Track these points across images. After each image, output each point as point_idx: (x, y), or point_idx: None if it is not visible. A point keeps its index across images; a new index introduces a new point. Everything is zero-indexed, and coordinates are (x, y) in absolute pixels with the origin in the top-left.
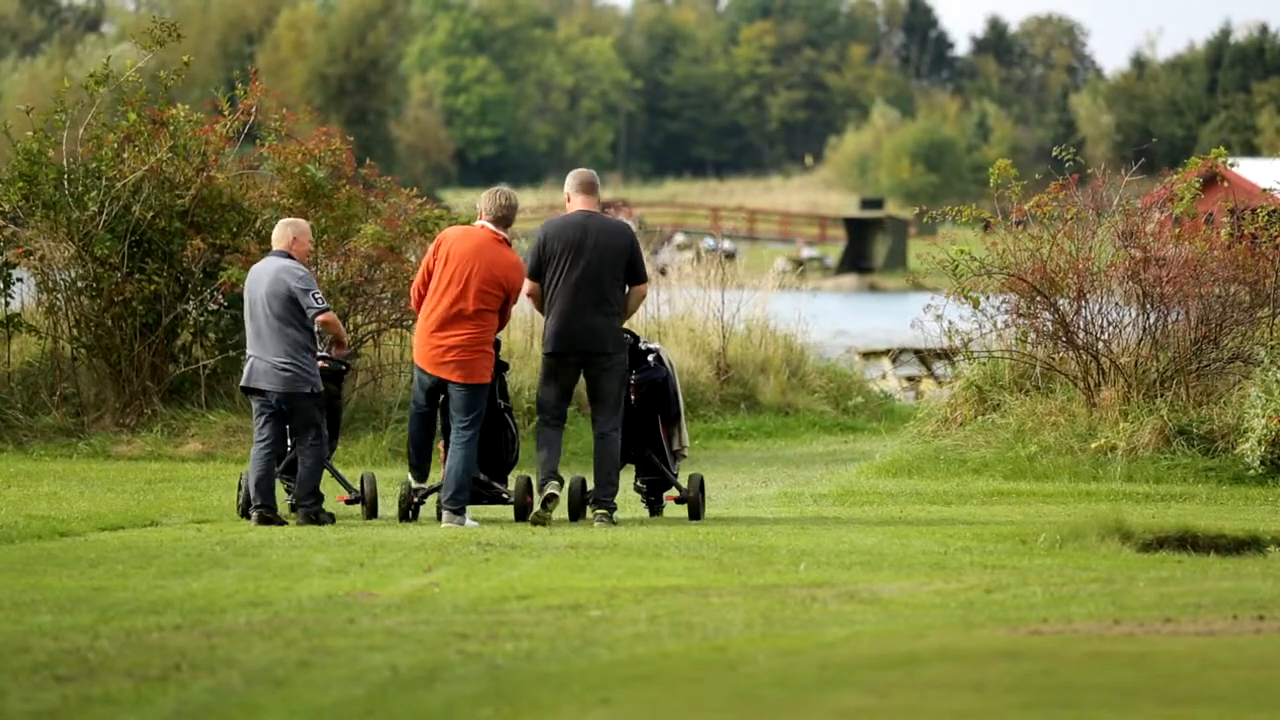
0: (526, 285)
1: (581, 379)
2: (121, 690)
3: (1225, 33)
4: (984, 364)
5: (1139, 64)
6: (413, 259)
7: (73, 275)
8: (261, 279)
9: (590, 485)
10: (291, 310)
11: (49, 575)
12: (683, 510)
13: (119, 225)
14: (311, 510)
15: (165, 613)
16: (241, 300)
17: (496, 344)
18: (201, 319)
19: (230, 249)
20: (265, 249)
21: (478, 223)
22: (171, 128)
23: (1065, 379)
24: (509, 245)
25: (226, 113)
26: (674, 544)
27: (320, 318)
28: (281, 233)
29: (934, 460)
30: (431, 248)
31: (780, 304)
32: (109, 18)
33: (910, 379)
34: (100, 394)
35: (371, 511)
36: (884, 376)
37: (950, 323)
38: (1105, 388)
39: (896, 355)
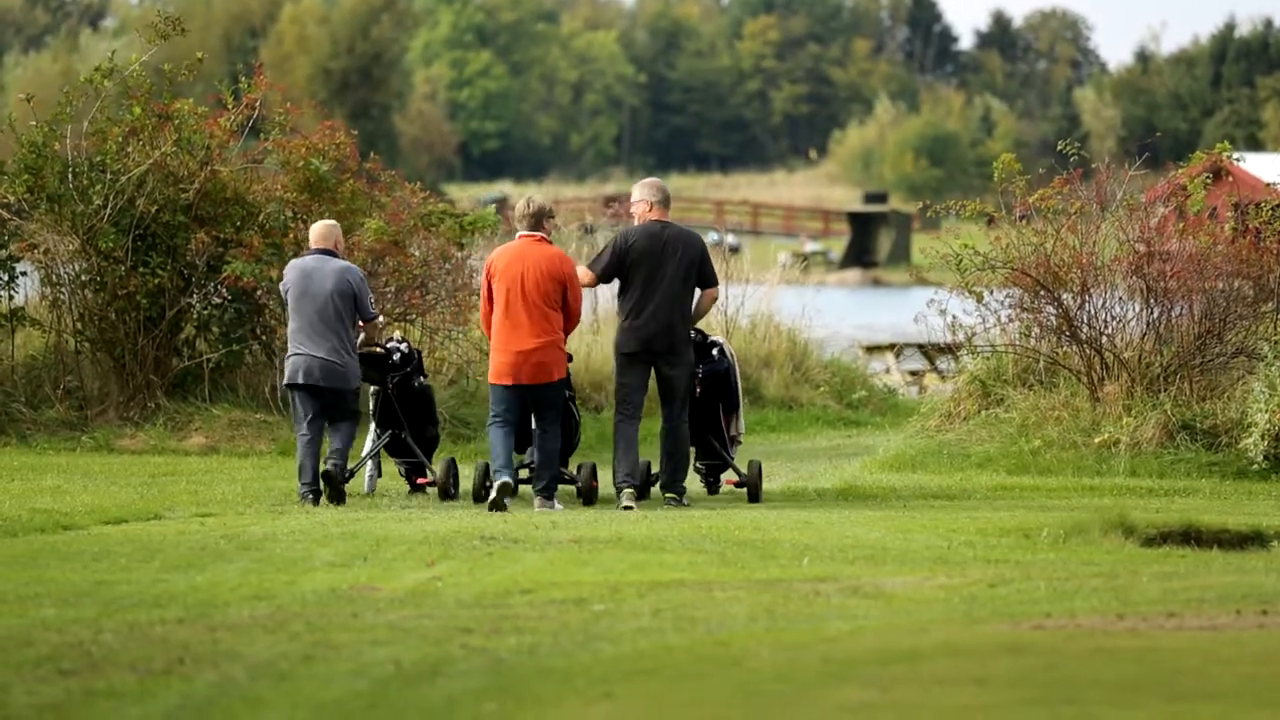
0: (586, 276)
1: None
2: (125, 684)
3: (1230, 27)
4: (987, 358)
5: (1143, 58)
6: (416, 253)
7: (77, 269)
8: (325, 277)
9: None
10: (350, 309)
11: (52, 569)
12: (687, 506)
13: (123, 219)
14: (343, 483)
15: (168, 606)
16: (245, 294)
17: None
18: (205, 313)
19: (234, 243)
20: (269, 242)
21: (516, 235)
22: (176, 122)
23: (1069, 374)
24: (549, 241)
25: (231, 107)
26: (677, 538)
27: (373, 322)
28: (326, 233)
29: (937, 455)
30: (484, 276)
31: (784, 298)
32: (112, 12)
33: (914, 373)
34: (104, 388)
35: (446, 494)
36: (887, 371)
37: (954, 317)
38: (1109, 382)
39: (900, 350)
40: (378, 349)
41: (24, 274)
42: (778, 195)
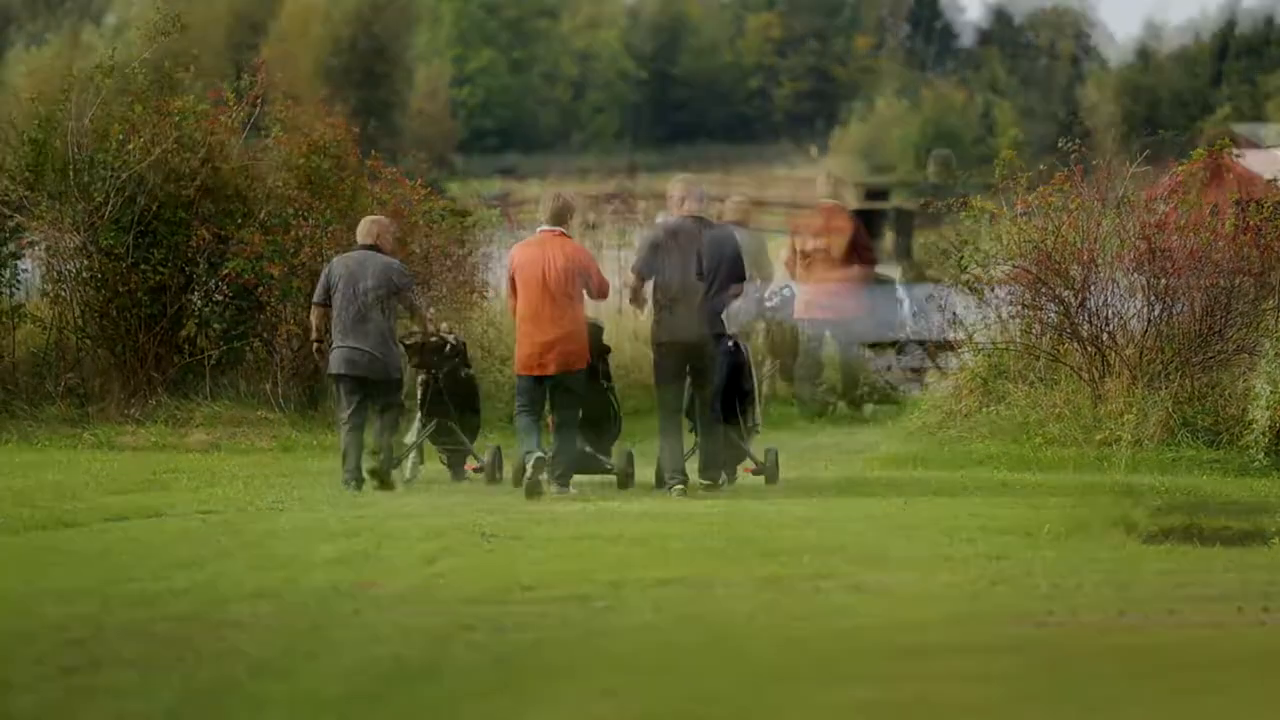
0: (632, 280)
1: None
2: (127, 681)
3: (1230, 24)
4: (989, 355)
5: (1144, 56)
6: (417, 250)
7: (78, 266)
8: (365, 273)
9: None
10: (391, 304)
11: (54, 566)
12: (684, 500)
13: (124, 216)
14: (388, 475)
15: (170, 603)
16: (246, 291)
17: (599, 330)
18: (206, 309)
19: (235, 240)
20: (270, 239)
21: (539, 229)
22: (177, 119)
23: (1070, 370)
24: (569, 237)
25: (232, 104)
26: (679, 535)
27: (421, 313)
28: (369, 229)
29: (939, 452)
30: (508, 270)
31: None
32: (113, 8)
33: (915, 370)
34: (105, 384)
35: (493, 478)
36: (889, 368)
37: (955, 314)
38: (1110, 379)
39: (901, 346)
40: (434, 338)
41: (25, 270)
42: (779, 191)
